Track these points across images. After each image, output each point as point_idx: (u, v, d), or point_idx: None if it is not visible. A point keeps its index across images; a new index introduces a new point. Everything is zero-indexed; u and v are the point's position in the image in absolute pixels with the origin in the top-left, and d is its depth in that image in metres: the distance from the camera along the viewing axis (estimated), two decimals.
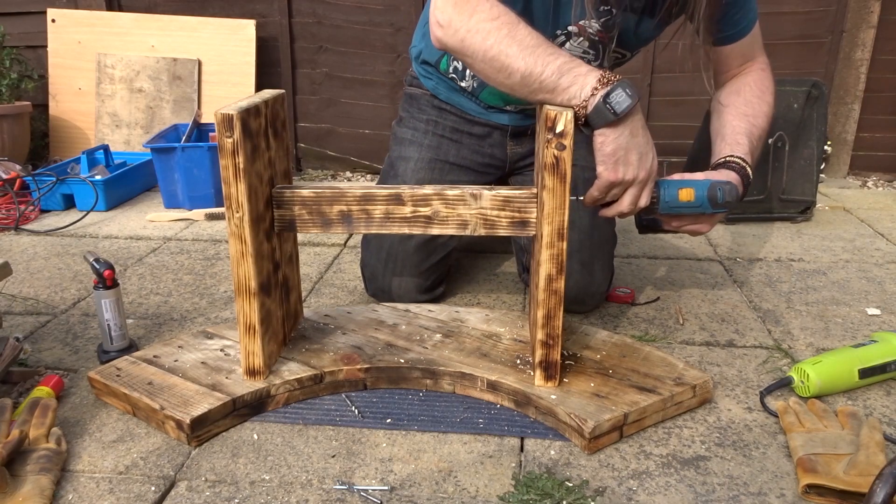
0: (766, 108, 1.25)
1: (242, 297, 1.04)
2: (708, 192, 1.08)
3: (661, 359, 1.15)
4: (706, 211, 1.09)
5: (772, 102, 1.27)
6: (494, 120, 1.48)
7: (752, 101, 1.25)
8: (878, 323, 1.42)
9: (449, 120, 1.50)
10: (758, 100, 1.25)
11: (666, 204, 1.09)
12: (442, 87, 1.48)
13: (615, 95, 0.96)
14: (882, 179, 2.67)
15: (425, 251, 1.43)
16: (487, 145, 1.51)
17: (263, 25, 2.77)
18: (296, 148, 2.90)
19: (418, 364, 1.14)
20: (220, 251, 1.88)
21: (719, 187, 1.08)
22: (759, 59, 1.30)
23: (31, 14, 2.86)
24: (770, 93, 1.28)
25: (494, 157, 1.52)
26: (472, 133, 1.50)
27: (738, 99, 1.26)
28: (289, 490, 0.92)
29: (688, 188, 1.09)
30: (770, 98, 1.27)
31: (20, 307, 1.51)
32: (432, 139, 1.50)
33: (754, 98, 1.25)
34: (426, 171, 1.47)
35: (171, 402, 1.03)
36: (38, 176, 2.22)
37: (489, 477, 0.94)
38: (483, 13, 1.02)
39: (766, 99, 1.26)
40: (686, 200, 1.09)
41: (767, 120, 1.25)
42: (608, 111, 0.96)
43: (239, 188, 0.98)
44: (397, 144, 1.53)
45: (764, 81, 1.28)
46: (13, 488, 0.87)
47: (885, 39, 2.53)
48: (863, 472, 0.88)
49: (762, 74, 1.29)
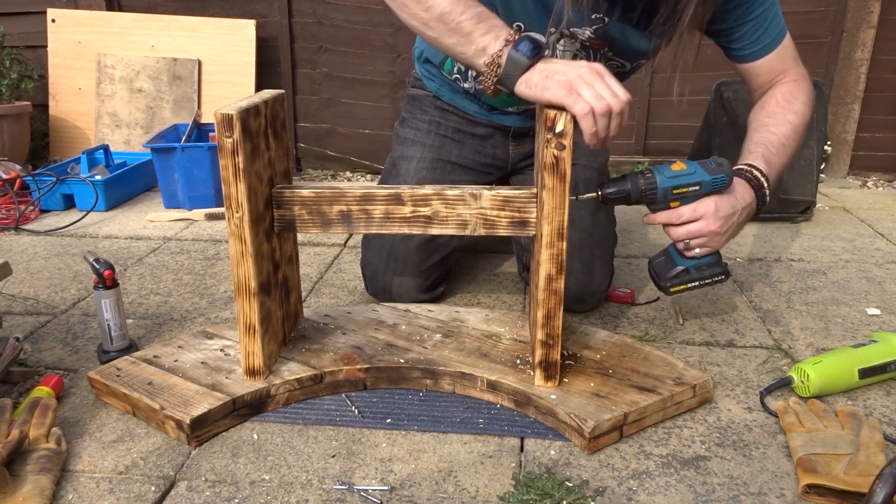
0: (791, 115, 1.23)
1: (242, 298, 1.04)
2: (699, 163, 1.10)
3: (661, 359, 1.15)
4: (703, 180, 1.09)
5: (800, 111, 1.24)
6: (497, 121, 1.48)
7: (775, 111, 1.24)
8: (878, 323, 1.42)
9: (451, 121, 1.50)
10: (781, 109, 1.23)
11: (662, 178, 1.09)
12: (445, 90, 1.49)
13: (524, 44, 0.97)
14: (882, 179, 2.67)
15: (426, 250, 1.43)
16: (489, 146, 1.51)
17: (263, 25, 2.77)
18: (296, 148, 2.90)
19: (418, 364, 1.14)
20: (220, 251, 1.88)
21: (710, 160, 1.10)
22: (792, 71, 1.27)
23: (31, 14, 2.86)
24: (799, 101, 1.25)
25: (496, 158, 1.52)
26: (475, 134, 1.50)
27: (760, 112, 1.25)
28: (289, 490, 0.92)
29: (679, 161, 1.11)
30: (798, 106, 1.24)
31: (20, 307, 1.51)
32: (435, 139, 1.50)
33: (777, 108, 1.24)
34: (428, 171, 1.47)
35: (171, 402, 1.03)
36: (38, 176, 2.22)
37: (489, 477, 0.94)
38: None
39: (793, 108, 1.23)
40: (679, 170, 1.09)
41: (792, 127, 1.22)
42: (522, 56, 0.97)
43: (239, 188, 0.98)
44: (400, 144, 1.53)
45: (793, 91, 1.25)
46: (13, 488, 0.87)
47: (885, 39, 2.53)
48: (863, 472, 0.88)
49: (792, 85, 1.26)
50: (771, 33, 1.24)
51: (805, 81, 1.28)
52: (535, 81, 0.97)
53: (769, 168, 1.18)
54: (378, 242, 1.45)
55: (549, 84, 0.95)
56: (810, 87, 1.28)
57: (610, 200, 1.12)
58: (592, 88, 0.94)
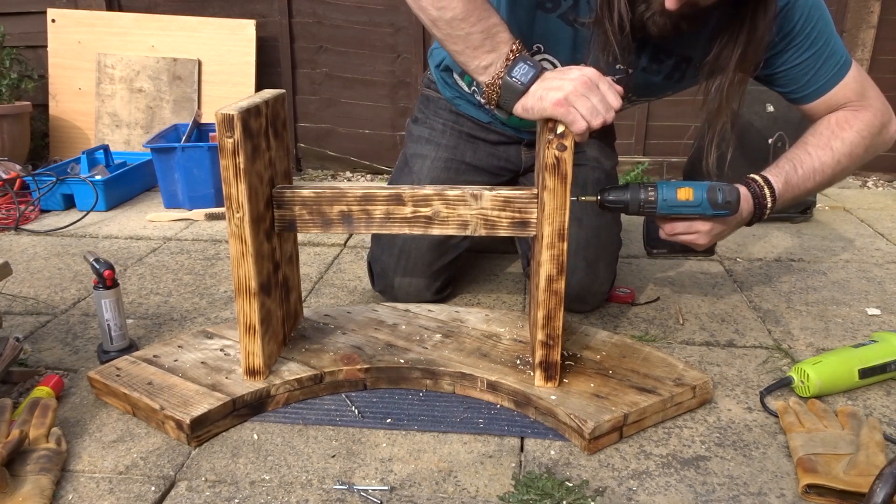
0: (837, 142, 1.17)
1: (242, 298, 1.04)
2: (707, 193, 1.07)
3: (661, 359, 1.15)
4: (706, 212, 1.09)
5: (848, 138, 1.17)
6: (510, 132, 1.48)
7: (822, 132, 1.19)
8: (878, 323, 1.42)
9: (465, 126, 1.50)
10: (829, 132, 1.18)
11: (664, 203, 1.08)
12: (460, 100, 1.48)
13: (518, 69, 0.96)
14: (882, 179, 2.67)
15: (438, 251, 1.43)
16: (502, 150, 1.51)
17: (263, 25, 2.77)
18: (296, 148, 2.90)
19: (418, 364, 1.14)
20: (220, 251, 1.88)
21: (720, 188, 1.08)
22: (854, 102, 1.19)
23: (31, 14, 2.86)
24: (853, 129, 1.17)
25: (510, 161, 1.52)
26: (488, 140, 1.50)
27: (808, 131, 1.21)
28: (289, 490, 0.92)
29: (687, 187, 1.08)
30: (849, 134, 1.17)
31: (20, 307, 1.51)
32: (450, 139, 1.49)
33: (826, 130, 1.18)
34: (442, 171, 1.46)
35: (171, 402, 1.03)
36: (38, 176, 2.22)
37: (489, 477, 0.95)
38: None
39: (843, 134, 1.17)
40: (685, 199, 1.08)
41: (833, 154, 1.16)
42: (516, 83, 0.97)
43: (239, 188, 0.98)
44: (413, 142, 1.53)
45: (848, 118, 1.19)
46: (13, 488, 0.87)
47: (885, 39, 2.54)
48: (863, 472, 0.88)
49: (850, 113, 1.19)
50: (826, 72, 1.17)
51: (868, 111, 1.19)
52: (531, 104, 0.98)
53: (786, 188, 1.15)
54: (389, 239, 1.44)
55: (544, 105, 0.95)
56: (873, 119, 1.19)
57: (607, 207, 1.11)
58: (588, 102, 0.94)
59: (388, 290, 1.48)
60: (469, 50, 1.00)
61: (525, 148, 1.51)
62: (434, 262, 1.43)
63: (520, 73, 0.97)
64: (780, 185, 1.15)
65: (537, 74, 0.97)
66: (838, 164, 1.18)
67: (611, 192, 1.11)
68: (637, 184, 1.10)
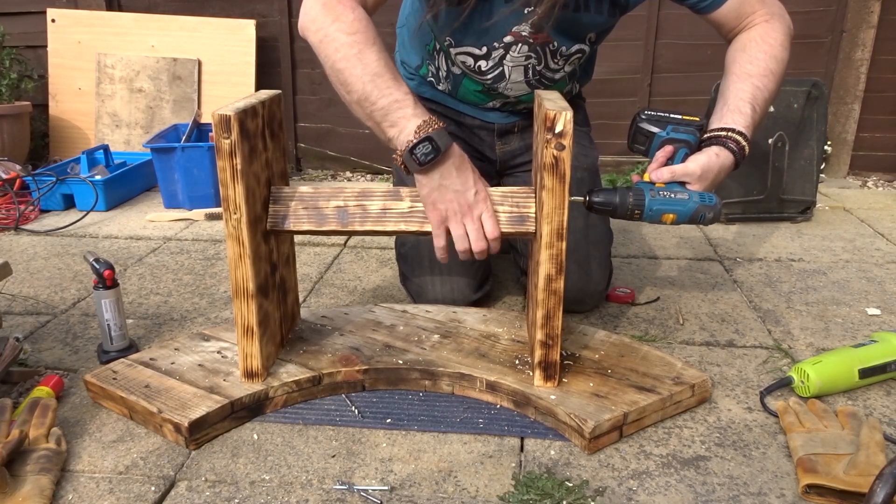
0: (773, 64, 1.20)
1: (240, 299, 1.04)
2: (691, 216, 1.10)
3: (660, 358, 1.15)
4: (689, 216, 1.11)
5: (779, 56, 1.20)
6: (480, 118, 1.47)
7: (759, 56, 1.20)
8: (878, 323, 1.42)
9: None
10: (764, 55, 1.20)
11: (649, 216, 1.10)
12: (424, 88, 1.48)
13: (421, 147, 1.00)
14: (882, 179, 2.67)
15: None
16: (476, 142, 1.50)
17: (263, 25, 2.77)
18: (296, 148, 2.90)
19: (417, 365, 1.13)
20: (219, 251, 1.88)
21: (703, 213, 1.10)
22: (761, 11, 1.23)
23: (31, 14, 2.86)
24: (779, 45, 1.21)
25: (484, 157, 1.51)
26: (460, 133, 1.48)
27: (742, 56, 1.22)
28: (289, 490, 0.92)
29: (672, 213, 1.10)
30: (778, 51, 1.20)
31: (20, 307, 1.51)
32: None
33: (760, 53, 1.20)
34: None
35: (169, 405, 1.03)
36: (38, 176, 2.22)
37: (489, 477, 0.94)
38: (344, 24, 1.05)
39: (773, 52, 1.20)
40: (668, 222, 1.11)
41: (775, 78, 1.20)
42: (414, 161, 1.00)
43: (237, 190, 0.97)
44: None
45: (770, 33, 1.21)
46: (13, 488, 0.87)
47: (885, 39, 2.53)
48: (863, 472, 0.88)
49: (766, 26, 1.22)
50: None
51: (777, 19, 1.24)
52: (424, 194, 1.04)
53: (753, 130, 1.17)
54: (416, 255, 1.42)
55: (427, 208, 1.05)
56: (785, 24, 1.24)
57: (595, 209, 1.12)
58: (461, 228, 1.04)
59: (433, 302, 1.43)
60: (374, 125, 1.05)
61: (499, 140, 1.49)
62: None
63: (421, 152, 1.00)
64: (750, 131, 1.17)
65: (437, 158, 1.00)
66: (778, 84, 1.22)
67: (599, 195, 1.11)
68: (624, 188, 1.11)
